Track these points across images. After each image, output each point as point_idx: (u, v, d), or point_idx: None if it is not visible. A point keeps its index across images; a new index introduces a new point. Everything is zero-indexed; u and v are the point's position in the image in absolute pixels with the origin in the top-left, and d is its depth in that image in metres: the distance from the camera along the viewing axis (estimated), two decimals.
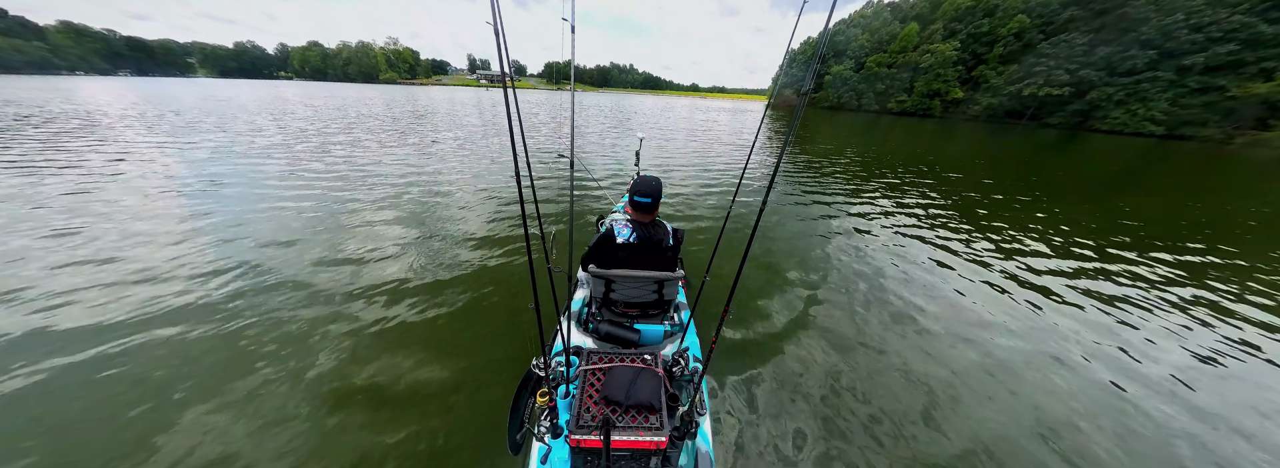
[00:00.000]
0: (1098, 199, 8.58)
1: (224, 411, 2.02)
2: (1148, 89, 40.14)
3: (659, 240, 1.81)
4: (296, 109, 20.90)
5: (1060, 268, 4.60)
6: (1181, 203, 8.78)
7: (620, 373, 1.41)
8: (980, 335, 3.03)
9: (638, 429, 1.24)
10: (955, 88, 56.99)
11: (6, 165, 7.02)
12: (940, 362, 2.68)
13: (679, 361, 1.54)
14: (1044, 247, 5.30)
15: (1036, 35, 50.37)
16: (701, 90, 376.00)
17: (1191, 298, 3.97)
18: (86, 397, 2.10)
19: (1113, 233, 6.12)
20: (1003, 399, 2.39)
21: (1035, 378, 2.60)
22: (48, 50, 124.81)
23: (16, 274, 3.34)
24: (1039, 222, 6.48)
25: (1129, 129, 39.91)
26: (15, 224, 4.45)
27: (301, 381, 2.23)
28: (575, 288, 2.19)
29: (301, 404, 2.07)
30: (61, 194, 5.56)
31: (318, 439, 1.89)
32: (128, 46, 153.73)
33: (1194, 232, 6.43)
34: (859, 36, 72.29)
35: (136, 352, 2.44)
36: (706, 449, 1.41)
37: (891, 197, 7.63)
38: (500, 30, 0.88)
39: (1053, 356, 2.85)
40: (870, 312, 3.29)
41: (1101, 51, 43.29)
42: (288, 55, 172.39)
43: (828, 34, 1.11)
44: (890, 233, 5.48)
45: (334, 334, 2.64)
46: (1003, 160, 13.98)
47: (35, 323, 2.65)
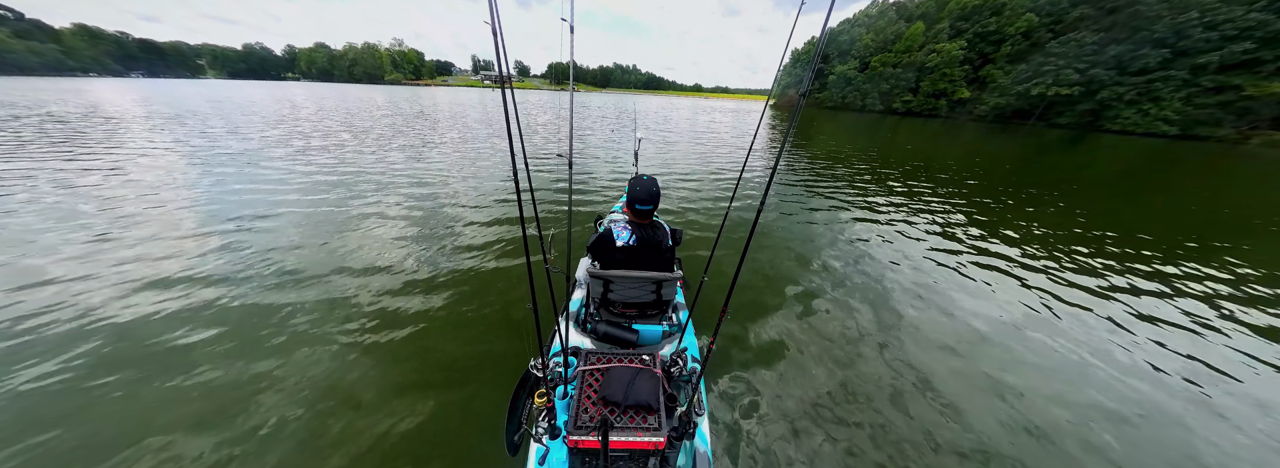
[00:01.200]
0: (1115, 199, 8.31)
1: (221, 410, 2.02)
2: (1160, 88, 39.24)
3: (658, 242, 1.80)
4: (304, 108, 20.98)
5: (1075, 269, 4.45)
6: (1200, 202, 8.60)
7: (618, 373, 1.40)
8: (985, 340, 2.98)
9: (636, 430, 1.23)
10: (962, 87, 56.22)
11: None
12: (943, 365, 2.65)
13: (677, 361, 1.52)
14: (1058, 250, 5.11)
15: (1045, 34, 49.50)
16: (704, 91, 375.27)
17: (1213, 296, 3.90)
18: (70, 400, 2.07)
19: (1133, 233, 5.96)
20: (1006, 402, 2.35)
21: (1039, 382, 2.55)
22: (62, 52, 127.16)
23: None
24: (1049, 222, 6.30)
25: (1141, 129, 39.07)
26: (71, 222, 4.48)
27: (295, 382, 2.21)
28: (573, 288, 2.17)
29: (294, 406, 2.05)
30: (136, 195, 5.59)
31: (311, 441, 1.87)
32: (140, 48, 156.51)
33: (1210, 231, 6.29)
34: (863, 36, 71.63)
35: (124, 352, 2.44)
36: (705, 449, 1.41)
37: (895, 198, 7.51)
38: (498, 30, 0.88)
39: (1061, 363, 2.77)
40: (870, 313, 3.27)
41: (1112, 50, 42.41)
42: (295, 57, 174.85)
43: (826, 34, 1.08)
44: (893, 234, 5.40)
45: (329, 335, 2.61)
46: (1008, 160, 13.63)
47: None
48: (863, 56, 71.27)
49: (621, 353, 1.56)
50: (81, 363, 2.31)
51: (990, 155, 14.73)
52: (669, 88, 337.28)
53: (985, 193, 8.23)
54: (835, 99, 74.24)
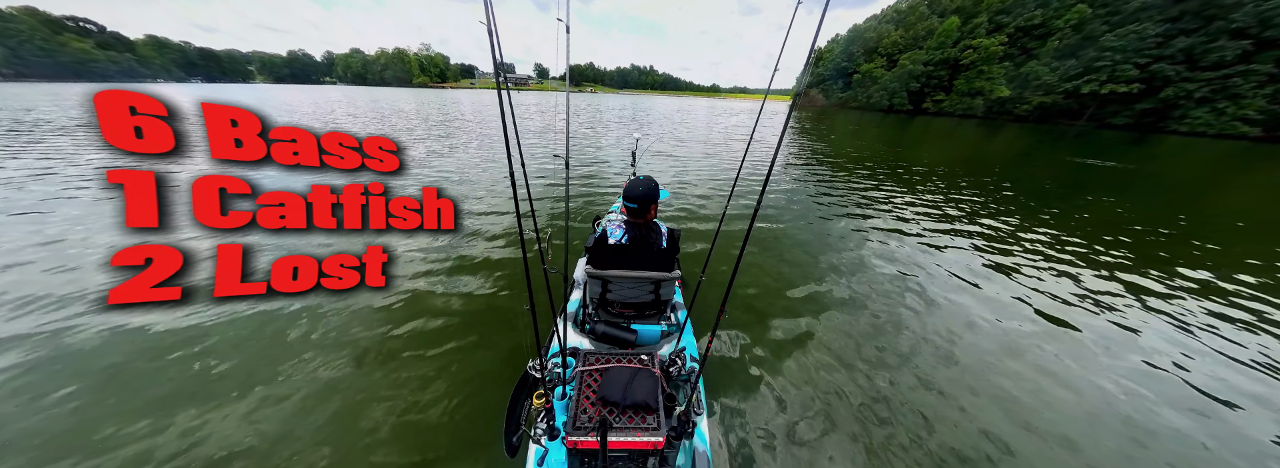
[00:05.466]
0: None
1: (218, 409, 2.03)
2: (1239, 85, 34.68)
3: (651, 242, 1.84)
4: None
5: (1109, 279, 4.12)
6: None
7: (617, 373, 1.42)
8: (998, 350, 2.87)
9: (635, 430, 1.24)
10: (1001, 85, 52.11)
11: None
12: (949, 368, 2.62)
13: (676, 360, 1.54)
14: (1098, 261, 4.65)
15: (1099, 26, 44.99)
16: (722, 91, 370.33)
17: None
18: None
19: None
20: (1015, 413, 2.26)
21: (1043, 388, 2.48)
22: (136, 60, 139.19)
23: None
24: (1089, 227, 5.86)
25: (1214, 130, 34.68)
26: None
27: (291, 384, 2.21)
28: (571, 289, 2.22)
29: (290, 407, 2.06)
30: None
31: (309, 443, 1.87)
32: (200, 56, 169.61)
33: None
34: (892, 33, 67.98)
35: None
36: (704, 449, 1.44)
37: (910, 200, 7.17)
38: (494, 31, 0.95)
39: (1067, 376, 2.62)
40: (872, 315, 3.23)
41: (1180, 43, 37.93)
42: (333, 62, 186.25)
43: (819, 33, 1.13)
44: (905, 238, 5.18)
45: (324, 337, 2.60)
46: (1055, 165, 12.25)
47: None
48: (890, 53, 67.69)
49: (620, 353, 1.58)
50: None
51: (1041, 160, 13.34)
52: (687, 89, 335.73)
53: (1024, 201, 7.48)
54: (861, 99, 71.06)
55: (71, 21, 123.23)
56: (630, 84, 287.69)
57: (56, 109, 17.20)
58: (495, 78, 0.97)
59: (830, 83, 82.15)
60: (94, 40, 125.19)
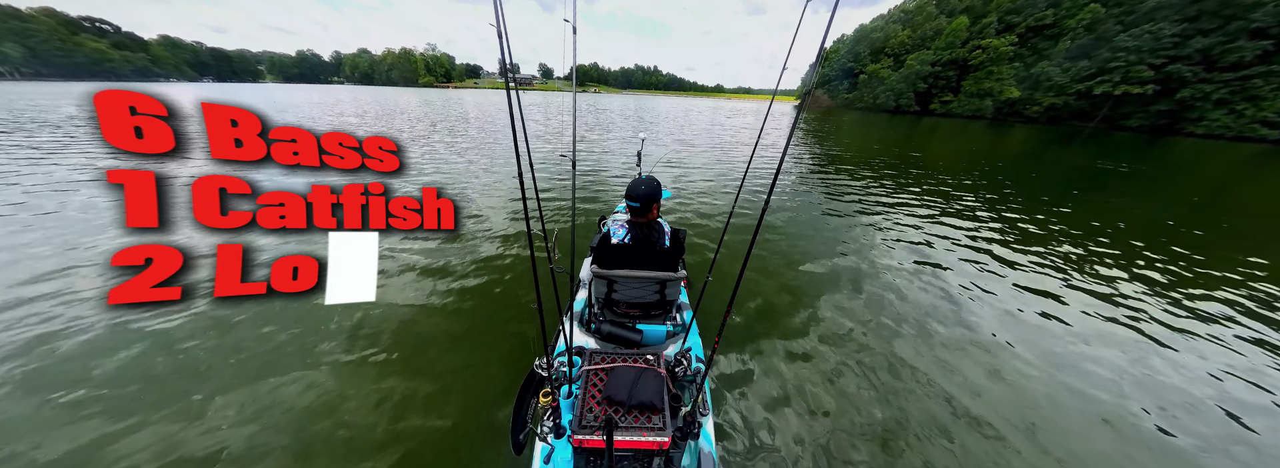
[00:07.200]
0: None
1: (219, 409, 2.02)
2: (1259, 86, 33.88)
3: (654, 241, 1.83)
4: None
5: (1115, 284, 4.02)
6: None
7: (623, 373, 1.42)
8: (1010, 356, 2.81)
9: (640, 430, 1.24)
10: (1011, 87, 51.35)
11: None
12: (955, 371, 2.57)
13: (681, 361, 1.55)
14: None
15: (1113, 26, 44.20)
16: (726, 91, 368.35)
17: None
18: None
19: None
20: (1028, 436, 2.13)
21: (1056, 395, 2.41)
22: (149, 60, 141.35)
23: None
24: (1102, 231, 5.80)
25: (1233, 132, 33.89)
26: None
27: (298, 382, 2.21)
28: (577, 288, 2.20)
29: (297, 404, 2.06)
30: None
31: (316, 439, 1.88)
32: (211, 56, 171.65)
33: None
34: (899, 33, 67.30)
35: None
36: (709, 450, 1.41)
37: (919, 202, 7.15)
38: (504, 33, 0.95)
39: (1076, 382, 2.55)
40: (882, 316, 3.21)
41: (1197, 43, 37.13)
42: (341, 62, 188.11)
43: (828, 32, 1.08)
44: (918, 242, 5.13)
45: (324, 337, 2.58)
46: (1076, 168, 12.15)
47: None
48: (898, 54, 67.01)
49: (625, 353, 1.57)
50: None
51: (1062, 163, 13.35)
52: (691, 89, 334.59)
53: (1039, 205, 7.30)
54: (867, 100, 70.42)
55: (88, 22, 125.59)
56: (635, 84, 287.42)
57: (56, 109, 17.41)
58: (503, 79, 0.99)
59: (835, 83, 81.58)
60: (109, 40, 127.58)
